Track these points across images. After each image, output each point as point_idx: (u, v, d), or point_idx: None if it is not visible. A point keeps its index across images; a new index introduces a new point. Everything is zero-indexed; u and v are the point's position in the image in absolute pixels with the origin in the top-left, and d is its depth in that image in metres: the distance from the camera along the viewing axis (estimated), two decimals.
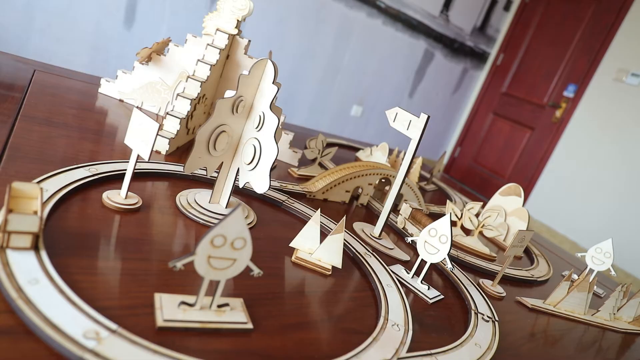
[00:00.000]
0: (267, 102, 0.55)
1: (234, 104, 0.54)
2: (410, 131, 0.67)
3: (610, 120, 3.32)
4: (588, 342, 0.67)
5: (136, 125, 0.52)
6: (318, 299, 0.50)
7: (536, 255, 0.96)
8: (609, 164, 3.27)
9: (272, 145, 0.54)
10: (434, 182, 1.27)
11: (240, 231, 0.37)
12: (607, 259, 0.87)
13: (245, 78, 0.54)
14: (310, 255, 0.56)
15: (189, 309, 0.39)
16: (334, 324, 0.46)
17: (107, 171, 0.58)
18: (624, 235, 3.07)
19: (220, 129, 0.55)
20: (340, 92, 3.46)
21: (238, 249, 0.38)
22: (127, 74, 0.92)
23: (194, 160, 0.54)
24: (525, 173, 3.77)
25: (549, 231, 3.51)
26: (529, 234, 0.68)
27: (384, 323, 0.47)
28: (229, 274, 0.39)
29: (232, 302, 0.42)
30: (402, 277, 0.61)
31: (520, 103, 3.92)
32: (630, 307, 0.76)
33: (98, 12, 2.31)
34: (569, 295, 0.71)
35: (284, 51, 3.07)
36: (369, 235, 0.71)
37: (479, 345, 0.50)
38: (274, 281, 0.50)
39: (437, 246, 0.58)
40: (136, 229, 0.50)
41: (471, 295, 0.63)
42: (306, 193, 0.78)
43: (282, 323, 0.43)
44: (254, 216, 0.63)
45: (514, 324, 0.62)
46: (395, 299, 0.53)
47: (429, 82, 3.94)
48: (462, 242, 0.85)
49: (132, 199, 0.54)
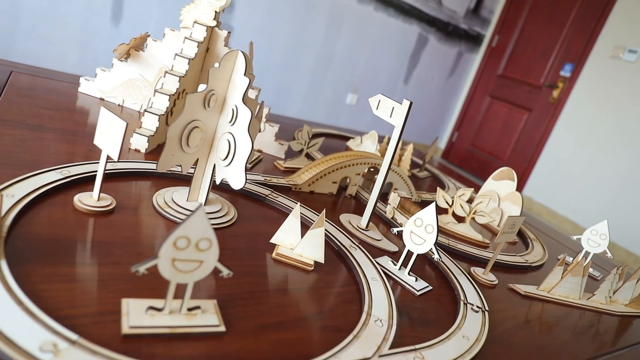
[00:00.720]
0: (240, 95, 0.53)
1: (205, 98, 0.52)
2: (394, 118, 0.65)
3: (608, 98, 3.28)
4: (584, 327, 0.66)
5: (104, 125, 0.50)
6: (299, 296, 0.48)
7: (531, 240, 0.94)
8: (608, 142, 3.25)
9: (246, 139, 0.52)
10: (427, 169, 1.25)
11: (204, 231, 0.36)
12: (602, 240, 0.85)
13: (216, 71, 0.52)
14: (291, 251, 0.54)
15: (157, 314, 0.38)
16: (314, 322, 0.45)
17: (81, 173, 0.57)
18: (624, 214, 3.05)
19: (192, 125, 0.53)
20: (334, 81, 3.43)
21: (203, 250, 0.36)
22: (107, 72, 0.90)
23: (166, 158, 0.52)
24: (524, 155, 3.74)
25: (549, 213, 3.50)
26: (519, 219, 0.66)
27: (366, 319, 0.46)
28: (196, 277, 0.37)
29: (204, 305, 0.40)
30: (389, 269, 0.60)
31: (517, 85, 3.88)
32: (626, 290, 0.75)
33: (84, 10, 2.27)
34: (563, 280, 0.70)
35: (275, 42, 3.03)
36: (355, 227, 0.70)
37: (466, 338, 0.49)
38: (252, 280, 0.49)
39: (423, 236, 0.57)
40: (108, 232, 0.49)
41: (461, 285, 0.61)
42: (292, 186, 0.77)
43: (258, 324, 0.42)
44: (235, 212, 0.61)
45: (506, 313, 0.61)
46: (380, 293, 0.51)
47: (424, 67, 3.90)
48: (454, 229, 0.83)
49: (105, 200, 0.53)
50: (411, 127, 4.16)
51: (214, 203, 0.60)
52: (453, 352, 0.46)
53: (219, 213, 0.59)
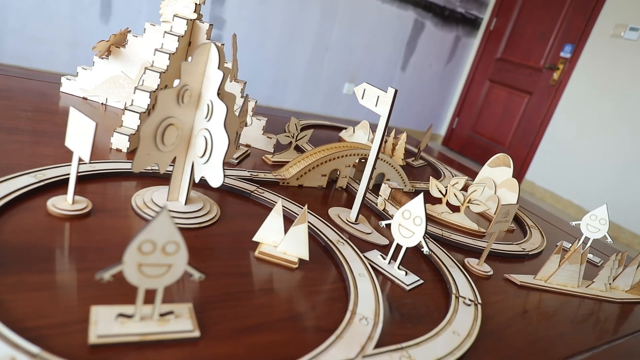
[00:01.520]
0: (215, 89, 0.51)
1: (179, 94, 0.50)
2: (379, 107, 0.62)
3: (609, 78, 3.23)
4: (583, 315, 0.64)
5: (75, 126, 0.48)
6: (282, 296, 0.47)
7: (529, 227, 0.92)
8: (611, 123, 3.20)
9: (222, 135, 0.50)
10: (423, 158, 1.23)
11: (170, 235, 0.34)
12: (602, 225, 0.83)
13: (188, 65, 0.50)
14: (274, 249, 0.53)
15: (127, 321, 0.36)
16: (296, 323, 0.43)
17: (57, 176, 0.55)
18: (629, 196, 3.02)
19: (166, 122, 0.51)
20: (330, 71, 3.39)
21: (171, 253, 0.34)
22: (88, 70, 0.88)
23: (141, 157, 0.50)
24: (525, 139, 3.70)
25: (553, 197, 3.47)
26: (513, 207, 0.64)
27: (351, 317, 0.44)
28: (166, 281, 0.35)
29: (178, 309, 0.39)
30: (378, 264, 0.58)
31: (517, 68, 3.83)
32: (626, 276, 0.73)
33: (72, 8, 2.25)
34: (560, 268, 0.68)
35: (268, 34, 3.00)
36: (345, 220, 0.68)
37: (457, 333, 0.47)
38: (233, 280, 0.47)
39: (412, 229, 0.55)
40: (83, 237, 0.47)
41: (453, 277, 0.59)
42: (279, 180, 0.75)
43: (235, 327, 0.40)
44: (217, 211, 0.60)
45: (501, 305, 0.59)
46: (367, 290, 0.50)
47: (421, 54, 3.85)
48: (448, 219, 0.81)
49: (80, 203, 0.51)
50: (410, 115, 4.13)
51: (196, 202, 0.59)
52: (442, 349, 0.44)
53: (201, 212, 0.57)
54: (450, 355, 0.44)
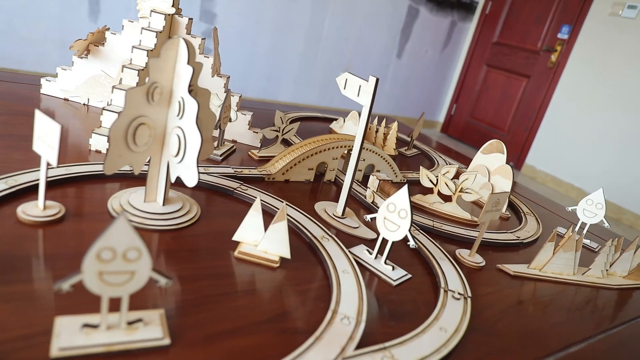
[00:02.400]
0: (185, 85, 0.49)
1: (148, 92, 0.48)
2: (361, 97, 0.60)
3: (608, 58, 3.18)
4: (579, 304, 0.62)
5: (41, 129, 0.47)
6: (261, 297, 0.45)
7: (525, 214, 0.90)
8: (610, 104, 3.16)
9: (195, 133, 0.48)
10: (416, 146, 1.20)
11: (130, 241, 0.32)
12: (599, 210, 0.81)
13: (156, 62, 0.48)
14: (255, 248, 0.51)
15: (92, 332, 0.35)
16: (275, 325, 0.41)
17: (29, 181, 0.53)
18: (631, 177, 2.99)
19: (137, 122, 0.49)
20: (324, 62, 3.36)
21: (133, 260, 0.33)
22: (67, 71, 0.86)
23: (113, 159, 0.49)
24: (524, 123, 3.66)
25: (554, 180, 3.44)
26: (503, 195, 0.62)
27: (332, 317, 0.43)
28: (130, 289, 0.34)
29: (147, 316, 0.37)
30: (364, 259, 0.56)
31: (514, 51, 3.78)
32: (624, 261, 0.71)
33: (60, 8, 2.22)
34: (555, 256, 0.66)
35: (260, 26, 2.96)
36: (331, 215, 0.66)
37: (444, 330, 0.45)
38: (211, 283, 0.45)
39: (397, 222, 0.53)
40: (54, 243, 0.45)
41: (443, 270, 0.57)
42: (264, 176, 0.73)
43: (209, 332, 0.39)
44: (197, 210, 0.58)
45: (493, 297, 0.57)
46: (351, 287, 0.48)
47: (417, 41, 3.80)
48: (440, 209, 0.79)
49: (52, 209, 0.49)
50: (408, 103, 4.09)
51: (175, 202, 0.57)
52: (427, 347, 0.42)
53: (180, 212, 0.55)
54: (437, 353, 0.42)
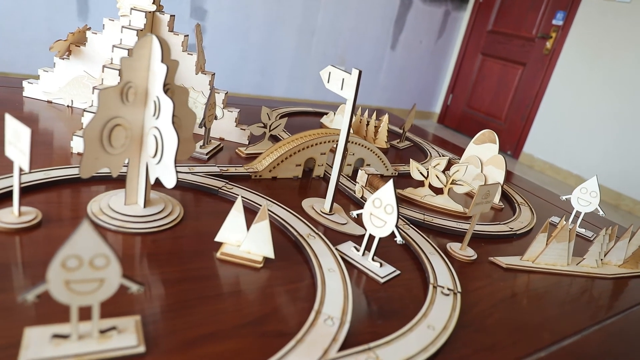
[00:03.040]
0: (160, 84, 0.47)
1: (122, 92, 0.47)
2: (345, 91, 0.59)
3: (603, 43, 3.16)
4: (574, 295, 0.61)
5: (11, 134, 0.45)
6: (244, 299, 0.44)
7: (519, 204, 0.89)
8: (606, 89, 3.14)
9: (171, 133, 0.47)
10: (408, 138, 1.19)
11: (96, 248, 0.31)
12: (593, 198, 0.80)
13: (129, 61, 0.46)
14: (238, 249, 0.50)
15: (63, 342, 0.33)
16: (256, 328, 0.40)
17: (4, 187, 0.52)
18: (629, 162, 2.97)
19: (112, 123, 0.48)
20: (318, 55, 3.33)
21: (101, 267, 0.32)
22: (50, 72, 0.84)
23: (89, 162, 0.47)
24: (521, 111, 3.64)
25: (552, 168, 3.42)
26: (494, 187, 0.61)
27: (315, 318, 0.41)
28: (100, 296, 0.33)
29: (122, 323, 0.36)
30: (351, 256, 0.55)
31: (509, 39, 3.75)
32: (618, 250, 0.70)
33: (47, 8, 2.19)
34: (548, 247, 0.65)
35: (252, 21, 2.93)
36: (319, 212, 0.65)
37: (432, 327, 0.44)
38: (191, 286, 0.44)
39: (383, 218, 0.52)
40: (30, 251, 0.44)
41: (432, 265, 0.56)
42: (251, 174, 0.72)
43: (187, 338, 0.37)
44: (180, 211, 0.57)
45: (484, 291, 0.56)
46: (336, 286, 0.47)
47: (410, 31, 3.77)
48: (432, 202, 0.78)
49: (28, 215, 0.48)
50: (403, 94, 4.07)
51: (157, 203, 0.56)
52: (414, 346, 0.41)
53: (161, 214, 0.54)
54: (424, 352, 0.41)
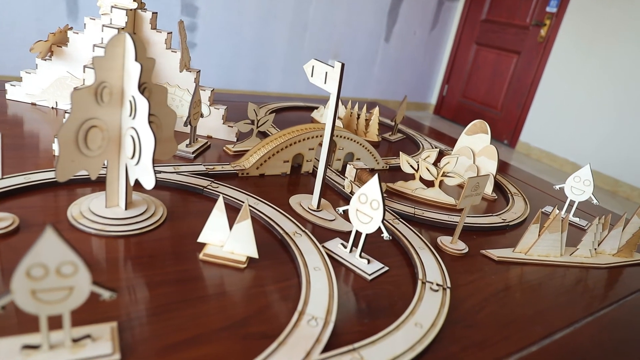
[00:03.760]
0: (135, 83, 0.46)
1: (97, 92, 0.46)
2: (328, 84, 0.58)
3: (598, 29, 3.13)
4: (568, 286, 0.60)
5: None
6: (226, 300, 0.43)
7: (512, 194, 0.88)
8: (601, 76, 3.12)
9: (147, 133, 0.46)
10: (400, 131, 1.18)
11: (62, 255, 0.30)
12: (587, 187, 0.79)
13: (102, 60, 0.45)
14: (221, 249, 0.49)
15: (34, 353, 0.32)
16: (238, 331, 0.39)
17: None
18: (625, 149, 2.96)
19: (88, 125, 0.46)
20: (312, 49, 3.31)
21: (68, 275, 0.30)
22: (32, 74, 0.83)
23: (65, 165, 0.46)
24: (517, 100, 3.62)
25: (548, 156, 3.41)
26: (483, 179, 0.60)
27: (298, 319, 0.40)
28: (70, 305, 0.32)
29: (96, 331, 0.35)
30: (339, 253, 0.54)
31: (503, 28, 3.72)
32: (612, 238, 0.69)
33: (36, 9, 2.17)
34: (540, 238, 0.64)
35: (244, 17, 2.91)
36: (306, 208, 0.64)
37: (419, 325, 0.43)
38: (172, 289, 0.43)
39: (369, 214, 0.51)
40: (6, 257, 0.43)
41: (422, 260, 0.55)
42: (238, 172, 0.71)
43: (166, 343, 0.36)
44: (163, 212, 0.55)
45: (475, 285, 0.55)
46: (321, 285, 0.46)
47: (404, 23, 3.75)
48: (423, 195, 0.77)
49: (4, 221, 0.47)
50: (398, 86, 4.05)
51: (139, 205, 0.55)
52: (401, 345, 0.40)
53: (143, 216, 0.53)
54: (410, 351, 0.40)
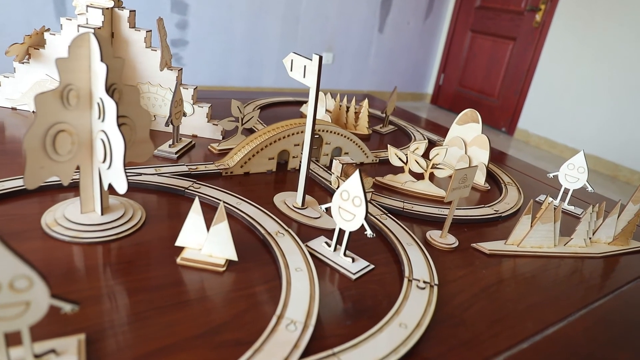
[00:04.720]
0: (102, 85, 0.44)
1: (63, 95, 0.44)
2: (307, 78, 0.56)
3: (594, 13, 3.09)
4: (563, 278, 0.59)
5: None
6: (202, 306, 0.42)
7: (505, 184, 0.86)
8: (598, 60, 3.08)
9: (117, 136, 0.44)
10: (392, 122, 1.16)
11: (14, 269, 0.28)
12: (581, 174, 0.77)
13: (66, 62, 0.43)
14: (199, 252, 0.47)
15: None
16: (212, 338, 0.38)
17: None
18: (624, 133, 2.93)
19: (55, 129, 0.45)
20: (305, 43, 3.27)
21: (23, 290, 0.29)
22: (10, 78, 0.81)
23: (33, 171, 0.45)
24: (514, 87, 3.59)
25: (547, 143, 3.38)
26: (471, 171, 0.58)
27: (276, 324, 0.39)
28: (28, 320, 0.30)
29: (61, 345, 0.34)
30: (322, 253, 0.52)
31: (498, 14, 3.68)
32: (607, 227, 0.67)
33: (25, 11, 2.15)
34: (532, 230, 0.62)
35: (235, 12, 2.88)
36: (291, 207, 0.62)
37: (404, 325, 0.42)
38: (146, 296, 0.42)
39: (352, 211, 0.49)
40: None
41: (409, 257, 0.54)
42: (222, 171, 0.69)
43: (136, 354, 0.35)
44: (142, 215, 0.54)
45: (465, 281, 0.53)
46: (302, 287, 0.44)
47: (398, 12, 3.71)
48: (413, 188, 0.75)
49: None
50: (394, 77, 4.01)
51: (116, 209, 0.53)
52: (383, 348, 0.39)
53: (120, 221, 0.52)
54: (394, 353, 0.38)
